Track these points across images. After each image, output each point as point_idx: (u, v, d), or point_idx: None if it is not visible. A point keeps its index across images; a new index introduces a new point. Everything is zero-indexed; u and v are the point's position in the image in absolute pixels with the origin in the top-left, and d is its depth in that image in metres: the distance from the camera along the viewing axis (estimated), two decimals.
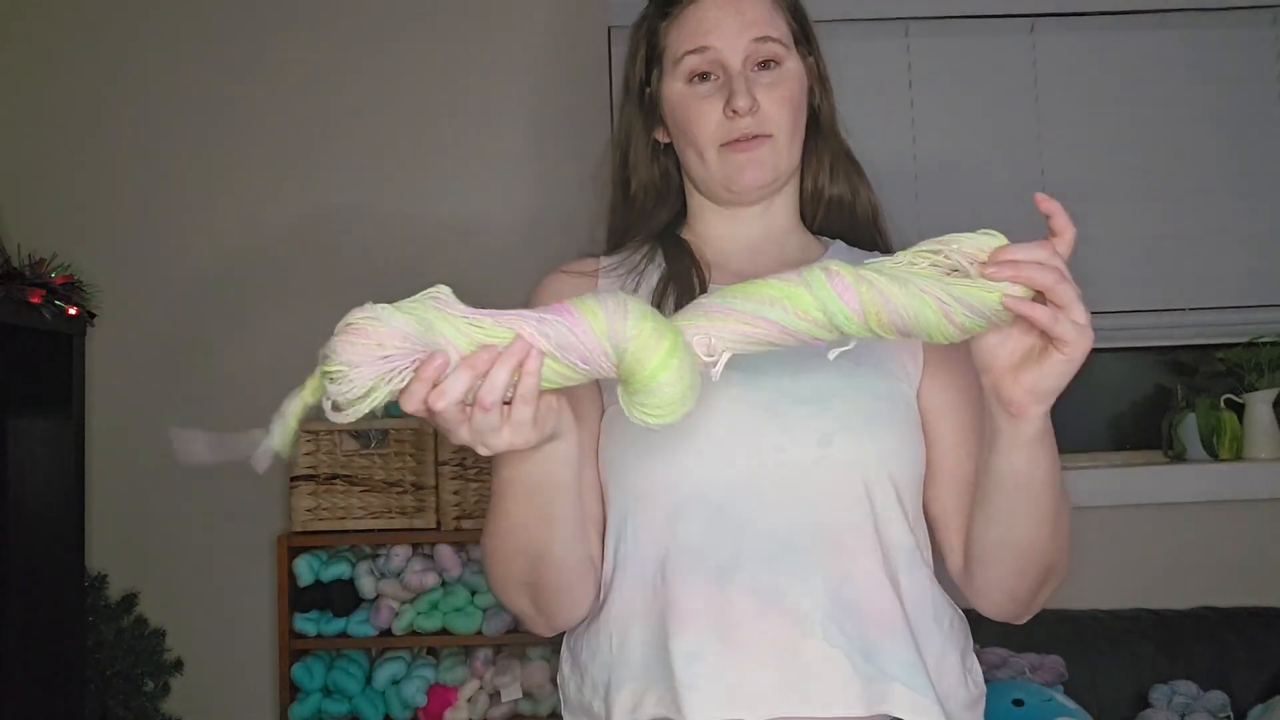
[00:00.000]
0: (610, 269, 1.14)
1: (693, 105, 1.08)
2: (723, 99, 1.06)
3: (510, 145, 2.47)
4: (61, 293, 2.10)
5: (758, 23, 1.07)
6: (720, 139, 1.08)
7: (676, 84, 1.10)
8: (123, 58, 2.48)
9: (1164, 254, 2.45)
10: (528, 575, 0.99)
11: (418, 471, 2.22)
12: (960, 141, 2.45)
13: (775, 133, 1.08)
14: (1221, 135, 2.46)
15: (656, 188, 1.17)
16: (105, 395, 2.40)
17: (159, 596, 2.38)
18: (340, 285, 2.45)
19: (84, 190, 2.46)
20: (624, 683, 1.00)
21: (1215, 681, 2.07)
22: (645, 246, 1.15)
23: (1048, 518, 0.95)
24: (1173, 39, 2.47)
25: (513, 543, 0.98)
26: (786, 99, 1.08)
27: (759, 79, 1.07)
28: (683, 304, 1.05)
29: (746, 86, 1.05)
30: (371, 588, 2.21)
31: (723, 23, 1.07)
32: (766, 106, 1.06)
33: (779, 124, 1.08)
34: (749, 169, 1.08)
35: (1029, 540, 0.96)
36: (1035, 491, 0.93)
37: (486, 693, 2.22)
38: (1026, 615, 1.04)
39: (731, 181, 1.09)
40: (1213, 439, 2.37)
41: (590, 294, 0.82)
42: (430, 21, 2.49)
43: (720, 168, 1.09)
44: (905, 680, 0.95)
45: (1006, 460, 0.92)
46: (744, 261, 1.13)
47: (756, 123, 1.06)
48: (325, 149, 2.47)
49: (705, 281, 1.10)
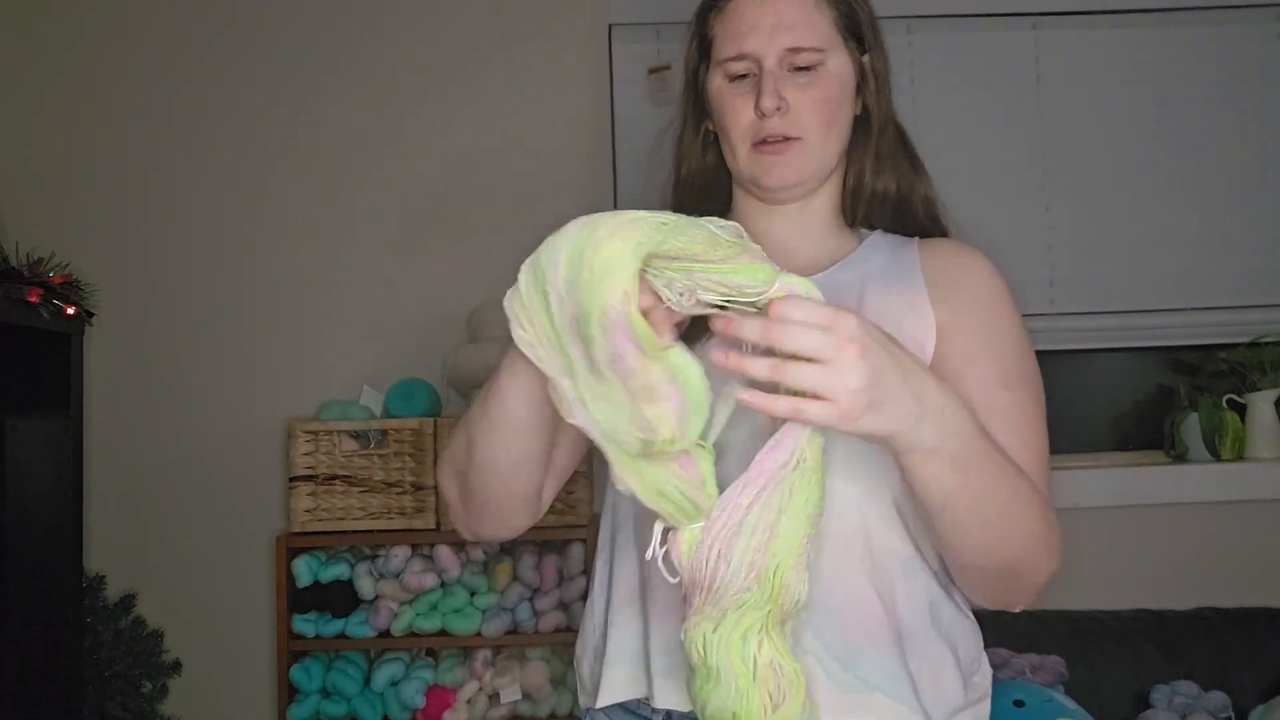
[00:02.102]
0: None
1: (728, 101, 1.09)
2: (755, 97, 1.07)
3: (510, 145, 2.46)
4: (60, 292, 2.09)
5: (793, 27, 1.07)
6: (751, 137, 1.09)
7: (717, 78, 1.10)
8: (122, 57, 2.47)
9: (1166, 253, 2.44)
10: (462, 464, 1.02)
11: (417, 472, 2.22)
12: (962, 140, 2.45)
13: (804, 135, 1.08)
14: (1224, 134, 2.46)
15: (705, 177, 1.18)
16: (103, 395, 2.40)
17: (157, 597, 2.38)
18: (340, 285, 2.45)
19: (83, 190, 2.46)
20: (614, 663, 1.05)
21: (1216, 682, 2.07)
22: None
23: (971, 529, 0.91)
24: (1175, 37, 2.46)
25: (465, 434, 1.01)
26: (820, 100, 1.07)
27: (793, 79, 1.07)
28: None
29: (775, 87, 1.05)
30: (370, 588, 2.20)
31: (759, 24, 1.07)
32: (797, 107, 1.07)
33: (809, 126, 1.07)
34: (775, 170, 1.09)
35: (956, 546, 0.94)
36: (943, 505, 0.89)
37: (485, 694, 2.21)
38: (1016, 607, 1.03)
39: (758, 180, 1.10)
40: (1215, 439, 2.37)
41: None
42: (430, 21, 2.48)
43: (749, 166, 1.10)
44: (887, 690, 0.96)
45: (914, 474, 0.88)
46: (779, 257, 1.12)
47: (785, 124, 1.07)
48: (324, 148, 2.46)
49: None
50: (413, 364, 2.40)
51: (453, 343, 2.36)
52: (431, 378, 2.38)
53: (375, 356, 2.42)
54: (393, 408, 2.30)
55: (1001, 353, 1.05)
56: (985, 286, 1.09)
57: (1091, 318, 2.45)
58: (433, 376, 2.39)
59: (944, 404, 0.83)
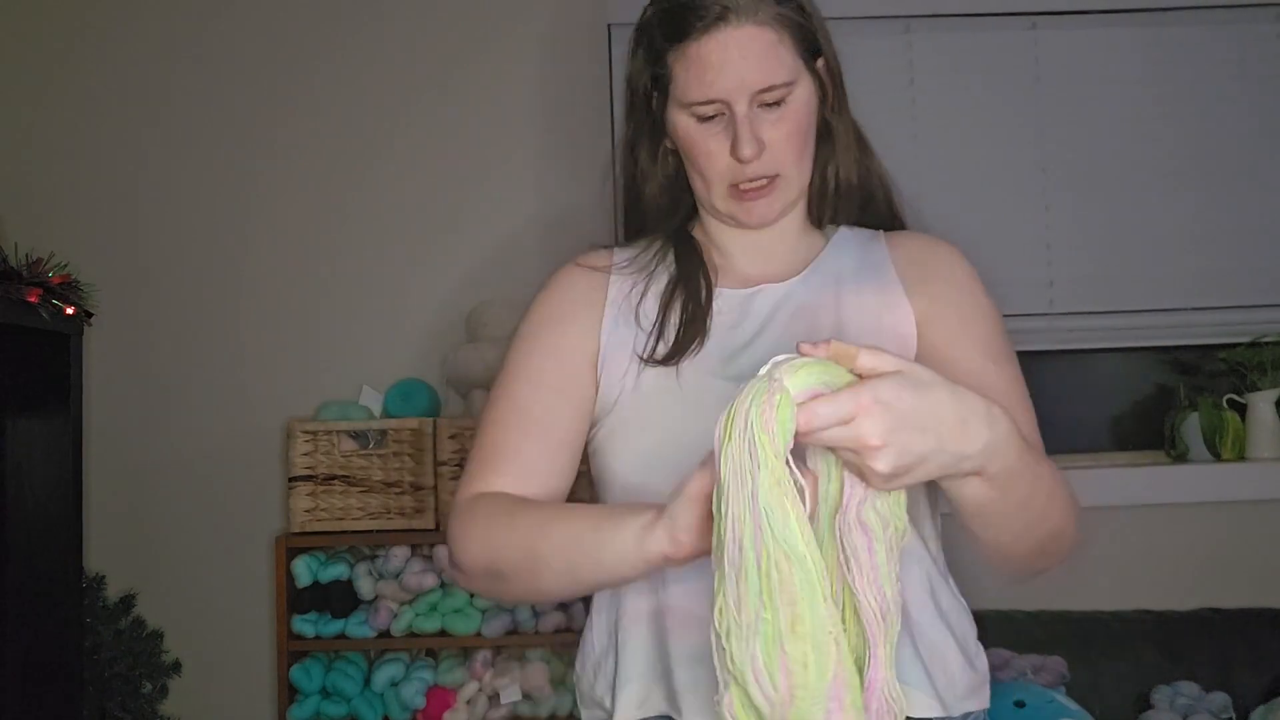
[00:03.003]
0: (622, 266, 1.16)
1: (700, 145, 1.08)
2: (729, 139, 1.06)
3: (510, 145, 2.46)
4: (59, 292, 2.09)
5: (761, 65, 1.04)
6: (729, 180, 1.08)
7: (682, 118, 1.08)
8: (121, 57, 2.47)
9: (1165, 253, 2.44)
10: (505, 573, 0.99)
11: (416, 472, 2.22)
12: (961, 140, 2.44)
13: (782, 170, 1.08)
14: (1224, 133, 2.45)
15: (670, 192, 1.17)
16: (103, 395, 2.40)
17: (157, 597, 2.38)
18: (339, 285, 2.45)
19: (83, 190, 2.45)
20: (629, 680, 1.02)
21: (1217, 683, 2.07)
22: (657, 244, 1.17)
23: (1007, 532, 0.91)
24: (1174, 37, 2.46)
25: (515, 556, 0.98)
26: (792, 133, 1.07)
27: (764, 116, 1.05)
28: (688, 309, 1.09)
29: (751, 132, 1.04)
30: (370, 589, 2.20)
31: (725, 66, 1.03)
32: (772, 146, 1.06)
33: (785, 160, 1.07)
34: (756, 211, 1.09)
35: (990, 544, 0.94)
36: (979, 515, 0.89)
37: (485, 694, 2.21)
38: (1042, 571, 1.02)
39: (738, 219, 1.11)
40: (1215, 439, 2.36)
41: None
42: (430, 20, 2.48)
43: (726, 204, 1.10)
44: (905, 679, 0.95)
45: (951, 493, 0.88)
46: (753, 265, 1.14)
47: (762, 165, 1.06)
48: (323, 148, 2.46)
49: (711, 286, 1.12)
50: (413, 364, 2.40)
51: (452, 343, 2.36)
52: (431, 378, 2.38)
53: (375, 356, 2.41)
54: (392, 408, 2.30)
55: (983, 331, 1.07)
56: (958, 271, 1.11)
57: (1091, 317, 2.45)
58: (432, 376, 2.39)
59: (989, 439, 0.80)
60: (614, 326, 1.11)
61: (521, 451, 1.07)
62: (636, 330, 1.10)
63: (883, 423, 0.74)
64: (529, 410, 1.08)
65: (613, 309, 1.12)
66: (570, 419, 1.09)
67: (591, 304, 1.13)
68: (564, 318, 1.12)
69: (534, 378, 1.09)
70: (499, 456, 1.07)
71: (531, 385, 1.09)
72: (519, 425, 1.07)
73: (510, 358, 1.12)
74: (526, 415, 1.08)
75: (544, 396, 1.08)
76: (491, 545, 1.00)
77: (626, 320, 1.11)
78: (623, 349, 1.09)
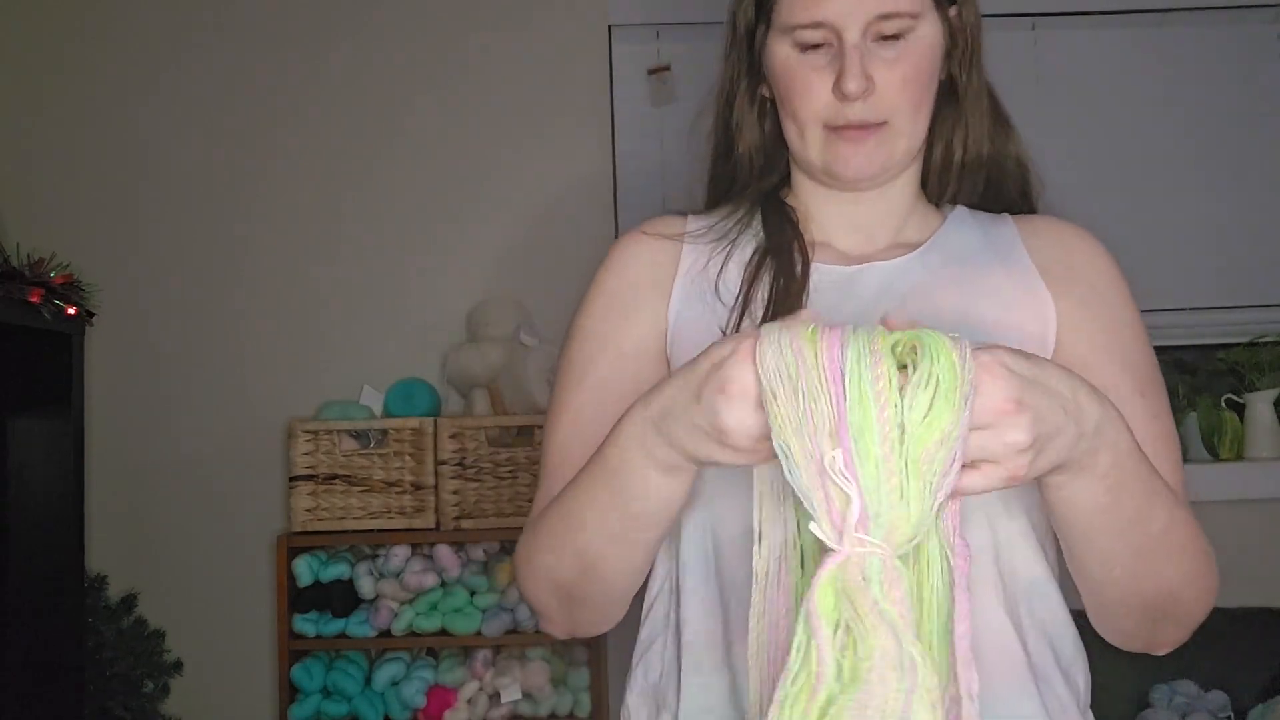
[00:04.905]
0: (698, 234, 1.00)
1: (799, 76, 0.92)
2: (833, 74, 0.90)
3: (510, 145, 2.47)
4: (60, 292, 2.09)
5: None
6: (826, 120, 0.92)
7: (783, 47, 0.93)
8: (122, 57, 2.47)
9: (1165, 253, 2.44)
10: (569, 580, 0.87)
11: (417, 471, 2.22)
12: None
13: (890, 118, 0.92)
14: (1223, 134, 2.46)
15: (766, 148, 1.01)
16: (104, 395, 2.40)
17: (158, 597, 2.38)
18: (339, 285, 2.45)
19: (83, 190, 2.46)
20: (694, 716, 0.90)
21: (1216, 681, 2.07)
22: (741, 210, 1.01)
23: (1118, 558, 0.80)
24: (1174, 38, 2.47)
25: (573, 544, 0.85)
26: (910, 78, 0.91)
27: (879, 52, 0.90)
28: (778, 283, 0.93)
29: (861, 66, 0.89)
30: (371, 588, 2.20)
31: None
32: (884, 88, 0.90)
33: (896, 108, 0.92)
34: (854, 161, 0.93)
35: (1099, 579, 0.83)
36: (1088, 530, 0.78)
37: (486, 694, 2.22)
38: (1160, 650, 0.90)
39: (832, 170, 0.94)
40: (1214, 439, 2.37)
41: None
42: (430, 20, 2.48)
43: (821, 152, 0.94)
44: None
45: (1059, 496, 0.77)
46: (855, 243, 0.99)
47: (869, 108, 0.90)
48: (323, 148, 2.46)
49: (808, 262, 0.95)
50: (413, 364, 2.40)
51: (453, 343, 2.36)
52: (431, 378, 2.39)
53: (375, 356, 2.42)
54: (393, 407, 2.30)
55: (1132, 356, 0.94)
56: (1105, 276, 0.98)
57: None
58: (432, 376, 2.39)
59: (1100, 417, 0.71)
60: (686, 301, 0.96)
61: None
62: (716, 304, 0.94)
63: (1010, 385, 0.64)
64: (592, 426, 0.90)
65: (684, 281, 0.97)
66: None
67: (658, 281, 0.97)
68: (627, 306, 0.97)
69: (596, 386, 0.95)
70: (562, 482, 0.90)
71: (594, 395, 0.95)
72: (581, 444, 0.90)
73: (570, 355, 0.98)
74: (590, 433, 0.89)
75: (610, 408, 0.88)
76: (548, 570, 0.89)
77: (701, 294, 0.95)
78: (696, 325, 0.94)
